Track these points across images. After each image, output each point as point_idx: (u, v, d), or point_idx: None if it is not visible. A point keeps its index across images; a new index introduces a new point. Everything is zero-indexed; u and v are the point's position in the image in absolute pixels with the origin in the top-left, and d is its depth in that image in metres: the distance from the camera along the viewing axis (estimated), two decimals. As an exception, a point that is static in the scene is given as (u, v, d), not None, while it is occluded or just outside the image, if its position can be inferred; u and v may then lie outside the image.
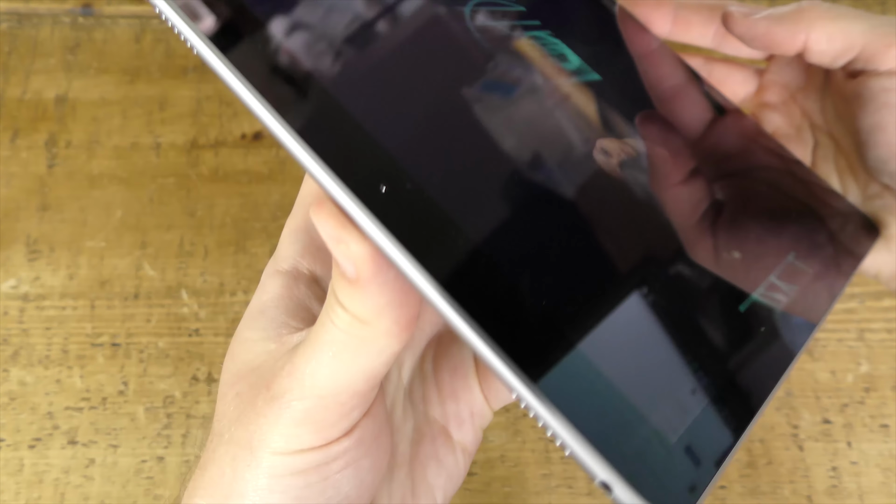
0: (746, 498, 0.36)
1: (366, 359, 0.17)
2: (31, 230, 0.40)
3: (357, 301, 0.17)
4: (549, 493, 0.36)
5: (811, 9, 0.26)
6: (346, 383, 0.18)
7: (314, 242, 0.22)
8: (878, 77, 0.26)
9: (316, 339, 0.18)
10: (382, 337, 0.17)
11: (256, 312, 0.21)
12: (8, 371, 0.37)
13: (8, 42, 0.45)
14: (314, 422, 0.18)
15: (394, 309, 0.17)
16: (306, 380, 0.18)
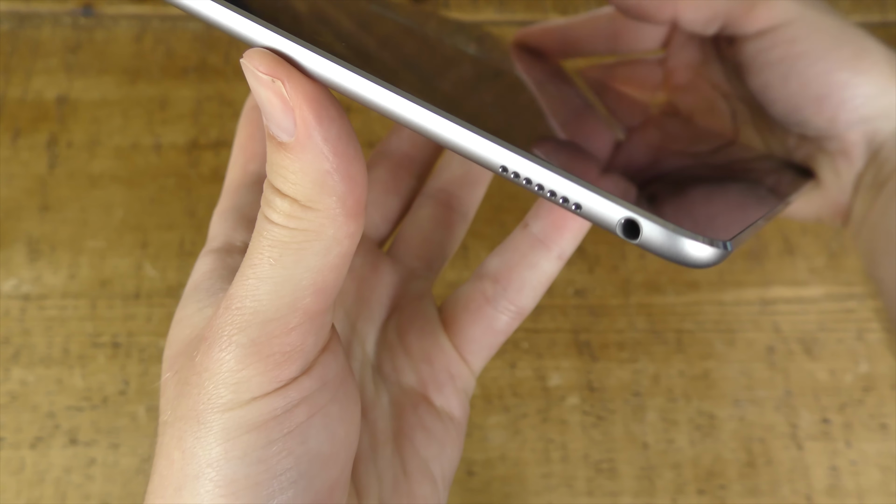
0: (746, 497, 0.36)
1: (313, 257, 0.15)
2: (32, 230, 0.40)
3: (297, 171, 0.15)
4: (549, 493, 0.36)
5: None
6: (293, 297, 0.15)
7: (246, 217, 0.21)
8: (749, 40, 0.26)
9: (251, 251, 0.16)
10: (329, 223, 0.15)
11: (189, 292, 0.19)
12: (9, 371, 0.37)
13: (9, 42, 0.45)
14: (263, 357, 0.15)
15: (339, 181, 0.15)
16: (245, 303, 0.15)
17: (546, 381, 0.38)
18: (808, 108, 0.25)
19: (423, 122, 0.15)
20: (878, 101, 0.24)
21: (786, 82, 0.25)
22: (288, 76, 0.14)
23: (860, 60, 0.24)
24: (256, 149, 0.21)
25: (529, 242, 0.22)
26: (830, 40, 0.25)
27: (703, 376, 0.38)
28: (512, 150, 0.15)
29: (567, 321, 0.39)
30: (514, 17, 0.47)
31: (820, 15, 0.25)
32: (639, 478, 0.36)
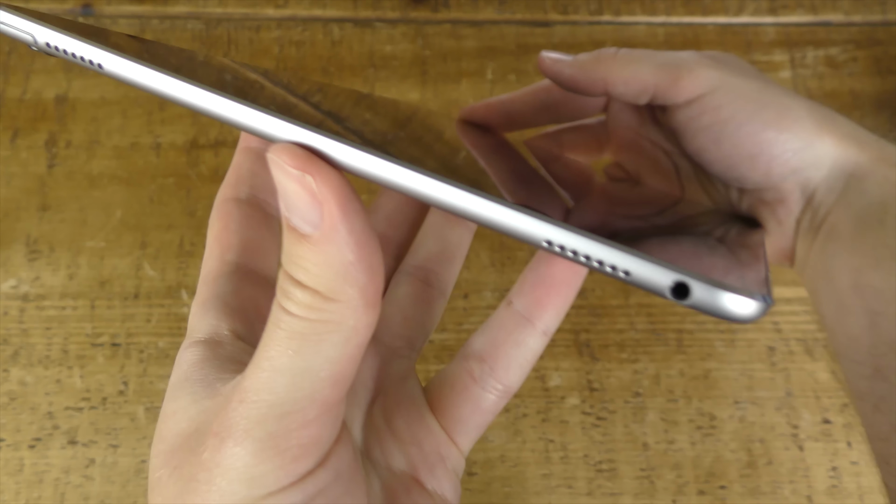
0: (747, 498, 0.36)
1: (332, 348, 0.15)
2: (31, 230, 0.40)
3: (320, 263, 0.15)
4: (549, 492, 0.36)
5: (607, 57, 0.28)
6: (311, 389, 0.15)
7: (229, 305, 0.20)
8: (679, 109, 0.28)
9: (266, 342, 0.15)
10: (350, 314, 0.15)
11: (178, 384, 0.18)
12: (8, 371, 0.37)
13: (8, 42, 0.45)
14: (281, 451, 0.15)
15: (361, 272, 0.15)
16: (262, 396, 0.15)
17: (546, 382, 0.38)
18: (743, 165, 0.27)
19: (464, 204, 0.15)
20: (804, 153, 0.27)
21: (718, 145, 0.27)
22: (317, 170, 0.14)
23: (783, 119, 0.26)
24: (232, 240, 0.22)
25: (515, 320, 0.22)
26: (754, 103, 0.27)
27: (704, 376, 0.38)
28: (554, 224, 0.15)
29: (567, 321, 0.39)
30: (513, 17, 0.47)
31: (742, 80, 0.27)
32: (639, 478, 0.36)
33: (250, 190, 0.22)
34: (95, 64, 0.16)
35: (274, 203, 0.23)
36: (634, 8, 0.48)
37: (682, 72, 0.27)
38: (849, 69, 0.46)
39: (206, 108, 0.16)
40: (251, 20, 0.46)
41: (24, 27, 0.17)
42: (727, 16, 0.48)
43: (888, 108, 0.45)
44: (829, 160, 0.26)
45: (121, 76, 0.16)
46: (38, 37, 0.17)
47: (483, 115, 0.33)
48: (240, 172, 0.22)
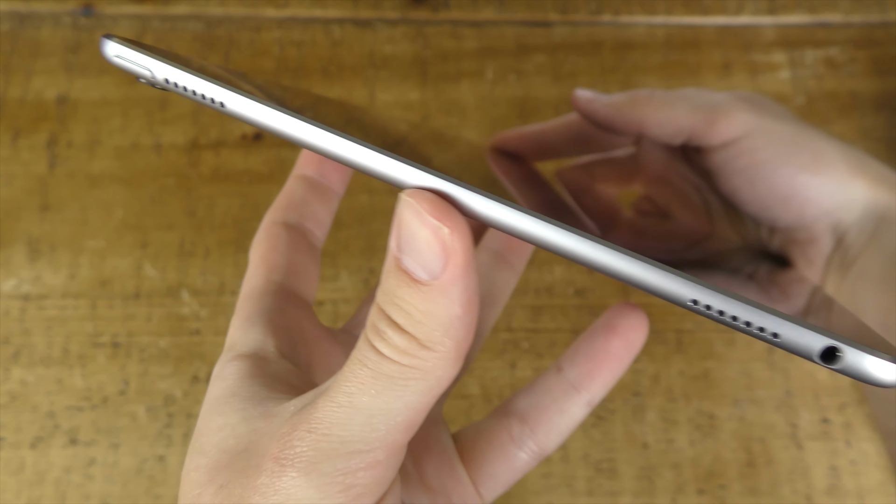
0: (746, 497, 0.36)
1: (414, 395, 0.15)
2: (33, 230, 0.40)
3: (427, 312, 0.15)
4: (549, 492, 0.36)
5: (642, 99, 0.29)
6: (385, 432, 0.15)
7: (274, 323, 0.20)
8: (715, 151, 0.28)
9: (347, 378, 0.15)
10: (441, 365, 0.15)
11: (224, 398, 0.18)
12: (9, 370, 0.37)
13: (9, 42, 0.45)
14: (345, 488, 0.15)
15: (461, 327, 0.15)
16: (335, 431, 0.15)
17: (546, 381, 0.38)
18: (777, 207, 0.28)
19: (617, 266, 0.16)
20: (837, 195, 0.27)
21: (753, 187, 0.28)
22: (454, 224, 0.14)
23: (817, 162, 0.27)
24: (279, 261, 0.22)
25: (562, 388, 0.22)
26: (789, 147, 0.27)
27: (703, 376, 0.38)
28: (702, 285, 0.15)
29: (567, 321, 0.39)
30: (513, 17, 0.47)
31: (777, 123, 0.28)
32: (639, 478, 0.36)
33: (299, 217, 0.23)
34: (217, 102, 0.17)
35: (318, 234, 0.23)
36: (634, 8, 0.48)
37: (719, 115, 0.27)
38: (848, 69, 0.46)
39: (341, 154, 0.16)
40: (252, 20, 0.46)
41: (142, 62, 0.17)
42: (727, 16, 0.48)
43: (887, 108, 0.45)
44: (861, 202, 0.27)
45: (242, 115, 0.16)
46: (156, 72, 0.17)
47: (515, 144, 0.34)
48: (291, 198, 0.23)
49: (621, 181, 0.35)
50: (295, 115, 0.16)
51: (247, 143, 0.43)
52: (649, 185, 0.34)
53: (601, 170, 0.35)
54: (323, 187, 0.24)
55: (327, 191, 0.24)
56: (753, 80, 0.46)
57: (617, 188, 0.35)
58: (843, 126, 0.45)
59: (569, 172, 0.35)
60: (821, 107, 0.45)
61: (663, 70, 0.46)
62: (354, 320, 0.25)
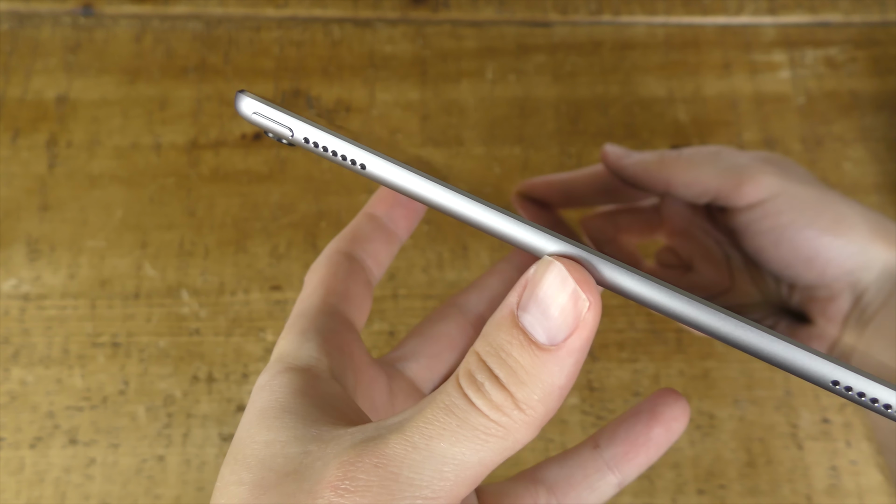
0: (746, 497, 0.36)
1: (490, 453, 0.15)
2: (32, 230, 0.40)
3: (534, 376, 0.15)
4: (549, 492, 0.36)
5: (670, 160, 0.30)
6: (453, 482, 0.15)
7: (329, 342, 0.20)
8: (740, 212, 0.29)
9: (430, 420, 0.15)
10: (524, 429, 0.15)
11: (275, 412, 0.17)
12: (9, 370, 0.37)
13: (9, 42, 0.45)
14: None
15: (557, 399, 0.15)
16: (403, 472, 0.15)
17: (546, 381, 0.38)
18: (799, 266, 0.29)
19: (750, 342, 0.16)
20: (858, 257, 0.28)
21: (777, 247, 0.29)
22: (594, 298, 0.15)
23: (839, 225, 0.28)
24: (339, 287, 0.22)
25: (596, 465, 0.22)
26: (812, 209, 0.28)
27: (703, 376, 0.38)
28: (843, 366, 0.16)
29: (567, 321, 0.39)
30: (513, 17, 0.47)
31: (800, 187, 0.29)
32: (639, 478, 0.36)
33: (362, 252, 0.23)
34: (358, 164, 0.17)
35: (375, 272, 0.24)
36: (634, 8, 0.48)
37: (745, 178, 0.29)
38: (848, 69, 0.46)
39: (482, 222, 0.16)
40: (251, 20, 0.46)
41: (283, 121, 0.17)
42: (727, 16, 0.48)
43: (887, 108, 0.45)
44: (881, 263, 0.28)
45: (382, 179, 0.17)
46: (296, 132, 0.17)
47: (541, 191, 0.35)
48: (357, 233, 0.23)
49: (645, 232, 0.35)
50: (436, 182, 0.16)
51: (246, 143, 0.43)
52: (672, 237, 0.34)
53: (625, 220, 0.35)
54: (389, 230, 0.24)
55: (392, 234, 0.24)
56: (753, 79, 0.46)
57: (640, 238, 0.36)
58: (843, 126, 0.45)
59: (593, 221, 0.36)
60: (821, 106, 0.45)
61: (663, 70, 0.46)
62: (397, 353, 0.25)
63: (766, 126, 0.44)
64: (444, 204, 0.16)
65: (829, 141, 0.44)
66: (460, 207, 0.16)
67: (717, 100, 0.45)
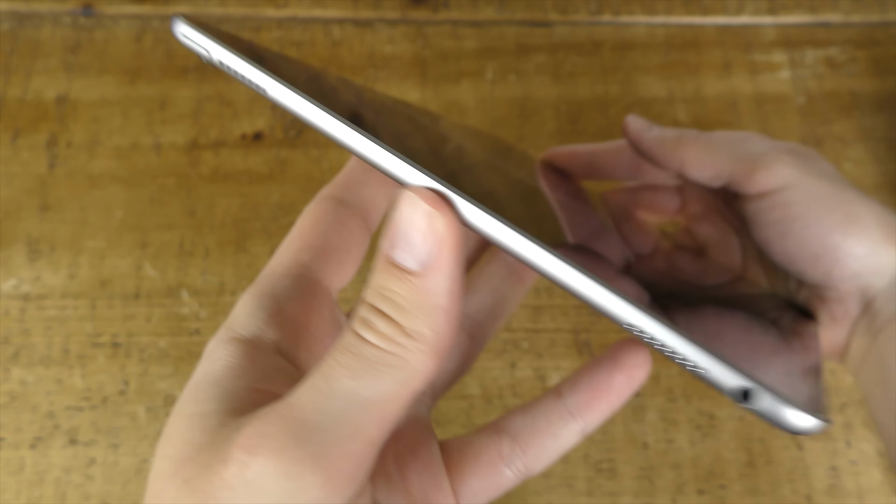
0: (746, 497, 0.36)
1: (391, 383, 0.15)
2: (32, 230, 0.40)
3: (412, 300, 0.15)
4: (549, 492, 0.36)
5: (688, 139, 0.29)
6: (360, 420, 0.15)
7: (282, 310, 0.20)
8: (751, 199, 0.29)
9: (331, 365, 0.16)
10: (419, 355, 0.15)
11: (206, 384, 0.17)
12: (9, 370, 0.37)
13: (9, 42, 0.45)
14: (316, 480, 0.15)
15: (443, 320, 0.15)
16: (309, 415, 0.15)
17: (546, 381, 0.38)
18: (805, 262, 0.28)
19: (575, 284, 0.17)
20: (868, 259, 0.27)
21: (784, 240, 0.28)
22: (448, 215, 0.16)
23: (851, 225, 0.27)
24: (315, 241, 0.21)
25: (559, 413, 0.23)
26: (824, 205, 0.27)
27: (703, 376, 0.38)
28: (646, 314, 0.17)
29: (567, 321, 0.39)
30: (513, 17, 0.47)
31: (816, 181, 0.28)
32: (639, 478, 0.36)
33: (356, 197, 0.22)
34: (261, 88, 0.18)
35: (373, 217, 0.23)
36: (634, 8, 0.48)
37: (759, 165, 0.28)
38: (848, 69, 0.46)
39: (356, 148, 0.17)
40: (252, 20, 0.46)
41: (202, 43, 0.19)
42: (727, 16, 0.48)
43: (887, 108, 0.45)
44: (893, 270, 0.27)
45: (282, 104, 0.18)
46: (213, 53, 0.18)
47: (565, 161, 0.34)
48: (351, 178, 0.23)
49: (665, 211, 0.35)
50: (323, 108, 0.17)
51: (246, 143, 0.43)
52: (690, 219, 0.34)
53: (647, 197, 0.35)
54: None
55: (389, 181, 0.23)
56: (753, 79, 0.46)
57: (660, 217, 0.36)
58: (844, 126, 0.45)
59: (615, 195, 0.36)
60: (821, 107, 0.45)
61: (663, 70, 0.46)
62: None
63: (766, 126, 0.44)
64: (325, 128, 0.17)
65: (829, 141, 0.44)
66: (334, 129, 0.17)
67: (717, 100, 0.45)
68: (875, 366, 0.27)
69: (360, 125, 0.17)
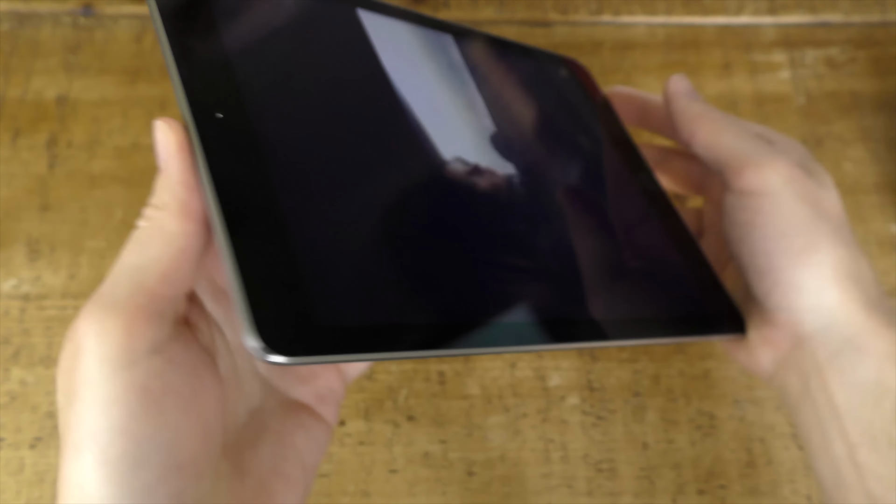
0: (746, 497, 0.36)
1: (158, 248, 0.20)
2: (32, 230, 0.40)
3: (159, 184, 0.21)
4: (549, 493, 0.36)
5: (704, 114, 0.29)
6: (142, 280, 0.20)
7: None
8: (732, 193, 0.28)
9: (120, 255, 0.21)
10: (170, 220, 0.20)
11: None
12: (9, 371, 0.37)
13: (9, 42, 0.45)
14: (117, 324, 0.19)
15: (182, 191, 0.20)
16: (105, 290, 0.20)
17: (546, 381, 0.38)
18: (752, 274, 0.27)
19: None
20: (808, 297, 0.26)
21: (741, 244, 0.28)
22: (165, 124, 0.21)
23: (806, 255, 0.26)
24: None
25: None
26: (791, 226, 0.26)
27: (704, 376, 0.38)
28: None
29: (567, 321, 0.39)
30: (513, 17, 0.47)
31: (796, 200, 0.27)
32: (639, 478, 0.36)
33: None
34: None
35: None
36: (634, 8, 0.48)
37: (750, 163, 0.27)
38: (848, 69, 0.46)
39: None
40: (251, 20, 0.46)
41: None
42: (727, 16, 0.48)
43: (888, 108, 0.45)
44: (829, 314, 0.26)
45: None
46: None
47: (621, 102, 0.35)
48: None
49: (689, 185, 0.35)
50: None
51: (247, 143, 0.43)
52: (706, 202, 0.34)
53: (678, 163, 0.35)
54: None
55: None
56: (754, 80, 0.46)
57: (683, 190, 0.36)
58: (844, 126, 0.45)
59: (648, 150, 0.36)
60: (821, 107, 0.45)
61: (664, 70, 0.46)
62: None
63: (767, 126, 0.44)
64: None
65: (829, 141, 0.44)
66: None
67: (717, 100, 0.45)
68: (811, 414, 0.26)
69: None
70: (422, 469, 0.36)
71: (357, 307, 0.20)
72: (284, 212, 0.21)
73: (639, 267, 0.28)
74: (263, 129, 0.22)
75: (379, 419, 0.36)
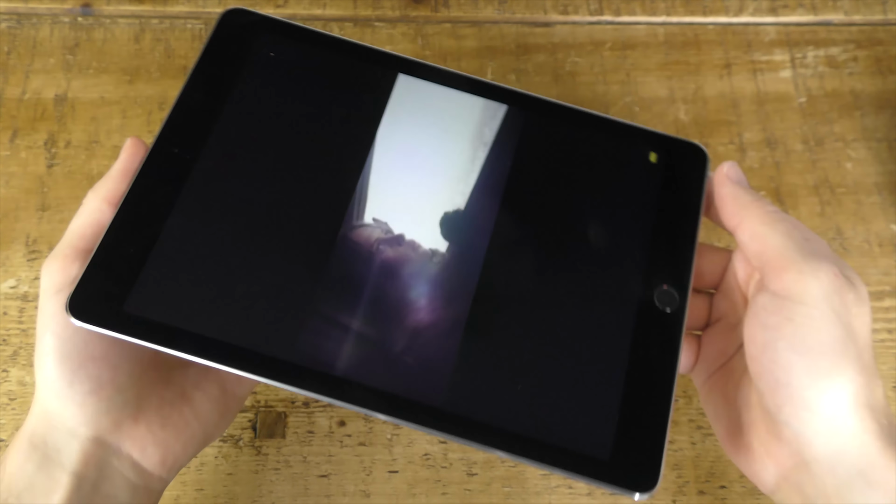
0: (747, 498, 0.36)
1: (82, 217, 0.29)
2: (31, 230, 0.40)
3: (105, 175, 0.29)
4: (549, 493, 0.36)
5: (755, 203, 0.28)
6: (69, 238, 0.29)
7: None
8: (766, 294, 0.27)
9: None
10: (94, 201, 0.29)
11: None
12: (7, 371, 0.37)
13: (7, 42, 0.45)
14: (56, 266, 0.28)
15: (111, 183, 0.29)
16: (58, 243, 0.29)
17: (546, 382, 0.38)
18: (767, 382, 0.26)
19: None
20: (822, 420, 0.25)
21: (764, 349, 0.26)
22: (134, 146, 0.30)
23: (829, 378, 0.25)
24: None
25: None
26: (819, 343, 0.25)
27: (704, 377, 0.38)
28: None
29: (567, 321, 0.39)
30: (513, 17, 0.47)
31: (830, 318, 0.25)
32: (639, 478, 0.36)
33: None
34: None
35: None
36: (634, 8, 0.48)
37: (794, 268, 0.26)
38: (849, 69, 0.46)
39: None
40: (251, 20, 0.46)
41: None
42: (727, 16, 0.48)
43: (889, 107, 0.45)
44: (841, 442, 0.25)
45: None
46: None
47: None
48: None
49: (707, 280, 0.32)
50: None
51: (246, 143, 0.43)
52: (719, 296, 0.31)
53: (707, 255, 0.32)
54: None
55: None
56: (755, 79, 0.46)
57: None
58: (845, 126, 0.45)
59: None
60: (822, 106, 0.45)
61: (664, 70, 0.46)
62: None
63: (767, 126, 0.44)
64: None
65: (830, 141, 0.44)
66: None
67: (717, 99, 0.45)
68: None
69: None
70: (422, 469, 0.36)
71: (161, 308, 0.26)
72: (165, 228, 0.28)
73: (534, 379, 0.27)
74: (203, 168, 0.29)
75: (379, 419, 0.36)
